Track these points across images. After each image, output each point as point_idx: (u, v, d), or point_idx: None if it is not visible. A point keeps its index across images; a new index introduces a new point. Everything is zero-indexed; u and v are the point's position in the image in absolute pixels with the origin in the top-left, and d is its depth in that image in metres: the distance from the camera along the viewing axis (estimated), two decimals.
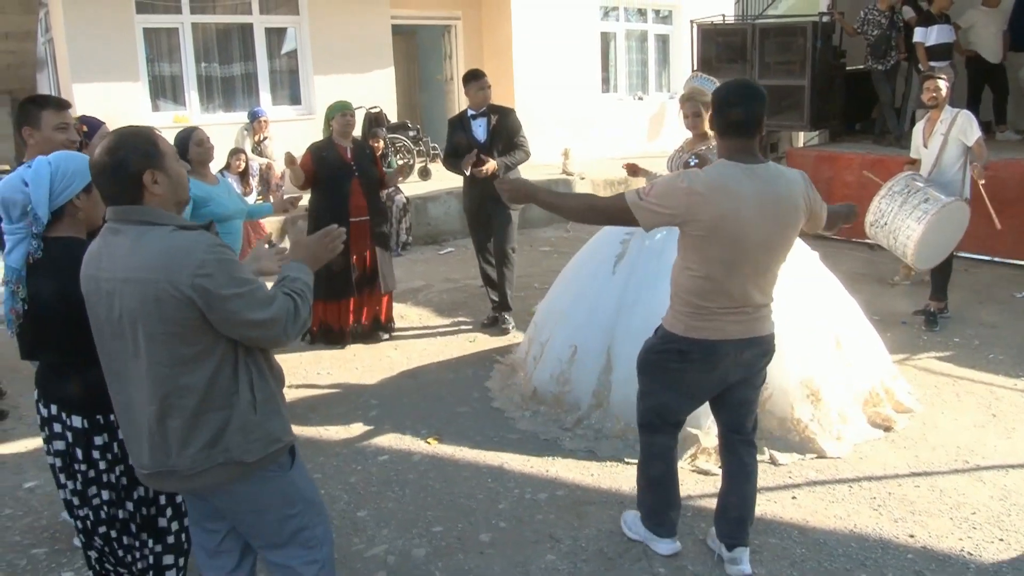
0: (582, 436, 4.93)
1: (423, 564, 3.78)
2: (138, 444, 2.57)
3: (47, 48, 12.40)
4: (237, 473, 2.55)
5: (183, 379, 2.44)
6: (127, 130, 2.55)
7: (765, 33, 10.87)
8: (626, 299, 5.16)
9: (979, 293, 7.72)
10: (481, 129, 6.76)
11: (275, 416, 2.61)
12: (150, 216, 2.45)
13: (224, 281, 2.38)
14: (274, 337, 2.52)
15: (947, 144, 6.50)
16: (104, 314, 2.49)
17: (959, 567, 3.63)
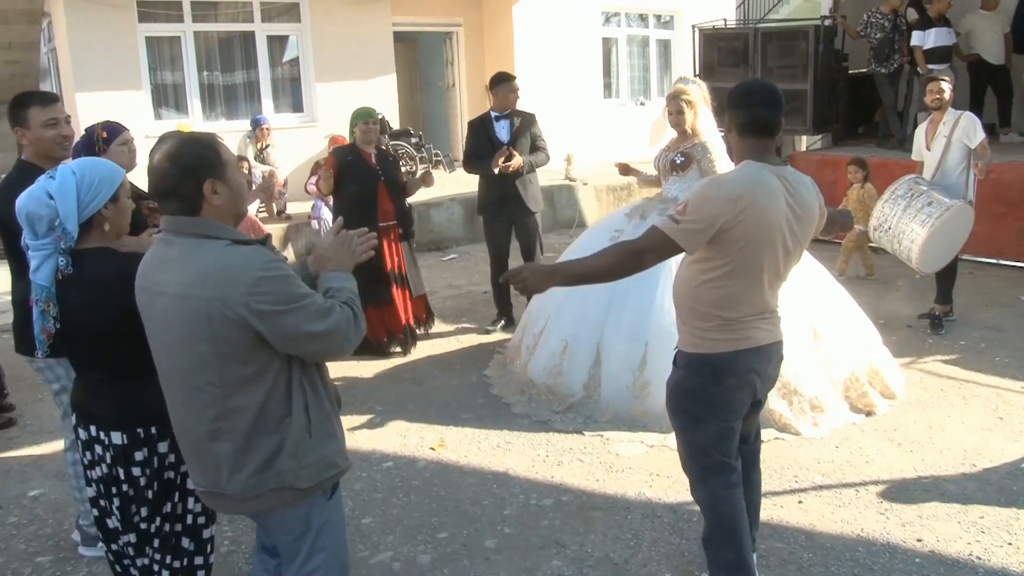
0: (571, 419, 5.23)
1: (428, 570, 3.76)
2: (192, 462, 2.52)
3: (50, 58, 12.44)
4: (289, 499, 2.46)
5: (234, 400, 2.35)
6: (190, 136, 2.47)
7: (767, 37, 10.86)
8: (615, 298, 5.36)
9: (985, 296, 7.70)
10: (504, 131, 6.85)
11: (330, 440, 2.52)
12: (205, 229, 2.35)
13: (280, 298, 2.29)
14: (336, 348, 2.43)
15: (950, 146, 6.48)
16: (155, 329, 2.43)
17: (968, 571, 3.61)
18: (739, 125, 3.11)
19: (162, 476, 2.82)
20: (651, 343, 5.14)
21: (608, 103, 15.16)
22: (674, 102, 5.32)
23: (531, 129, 6.91)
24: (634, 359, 5.18)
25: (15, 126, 3.69)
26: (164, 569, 2.90)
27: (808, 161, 10.50)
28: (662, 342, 5.03)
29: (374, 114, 6.55)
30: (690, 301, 3.19)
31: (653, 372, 5.05)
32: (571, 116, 13.81)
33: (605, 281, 3.06)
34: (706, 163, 5.26)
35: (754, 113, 3.08)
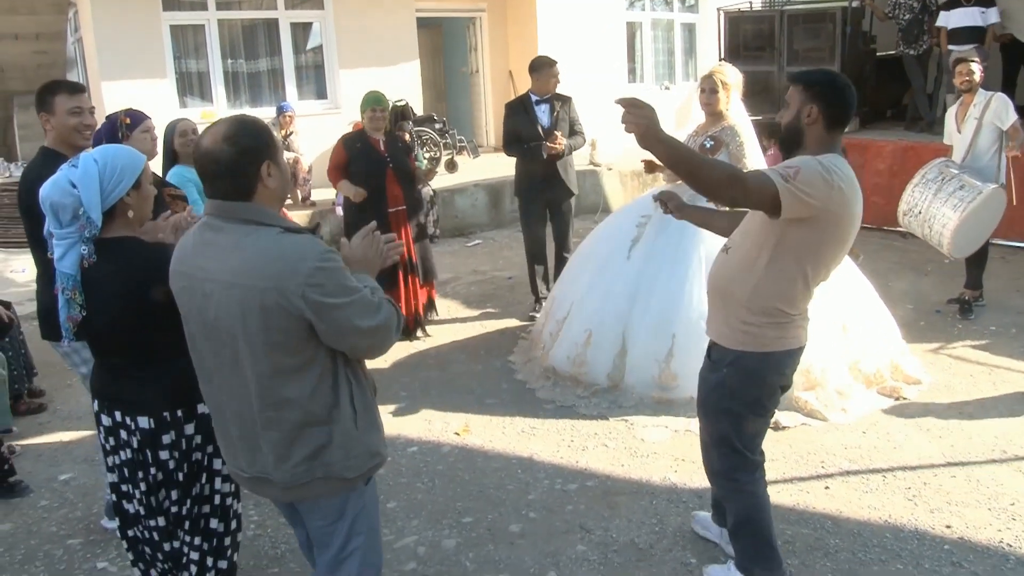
0: (596, 404, 5.19)
1: (453, 555, 3.77)
2: (233, 448, 2.51)
3: (76, 47, 12.52)
4: (336, 488, 2.48)
5: (284, 391, 2.34)
6: (242, 118, 2.40)
7: (793, 20, 10.76)
8: (642, 285, 5.31)
9: (1016, 281, 7.59)
10: (545, 115, 6.91)
11: (374, 429, 2.54)
12: (257, 215, 2.31)
13: (334, 290, 2.26)
14: (381, 344, 2.43)
15: (981, 128, 6.38)
16: (197, 315, 2.38)
17: (998, 558, 3.57)
18: (832, 118, 3.00)
19: (190, 458, 2.85)
20: (679, 336, 5.07)
21: (632, 87, 15.03)
22: (708, 80, 5.25)
23: (570, 113, 7.01)
24: (660, 351, 5.12)
25: (41, 111, 3.73)
26: (194, 551, 2.93)
27: None
28: (690, 335, 4.98)
29: (383, 101, 6.53)
30: (749, 292, 3.04)
31: (681, 365, 5.00)
32: (595, 101, 13.61)
33: (688, 180, 2.81)
34: (735, 147, 5.18)
35: (847, 109, 3.02)
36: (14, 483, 4.51)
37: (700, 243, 5.18)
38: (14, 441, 5.08)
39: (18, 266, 9.03)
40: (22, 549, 3.99)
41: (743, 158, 5.17)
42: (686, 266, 5.18)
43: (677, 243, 5.27)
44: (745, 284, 3.04)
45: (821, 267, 3.02)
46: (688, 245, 5.24)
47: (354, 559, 2.59)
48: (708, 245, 5.11)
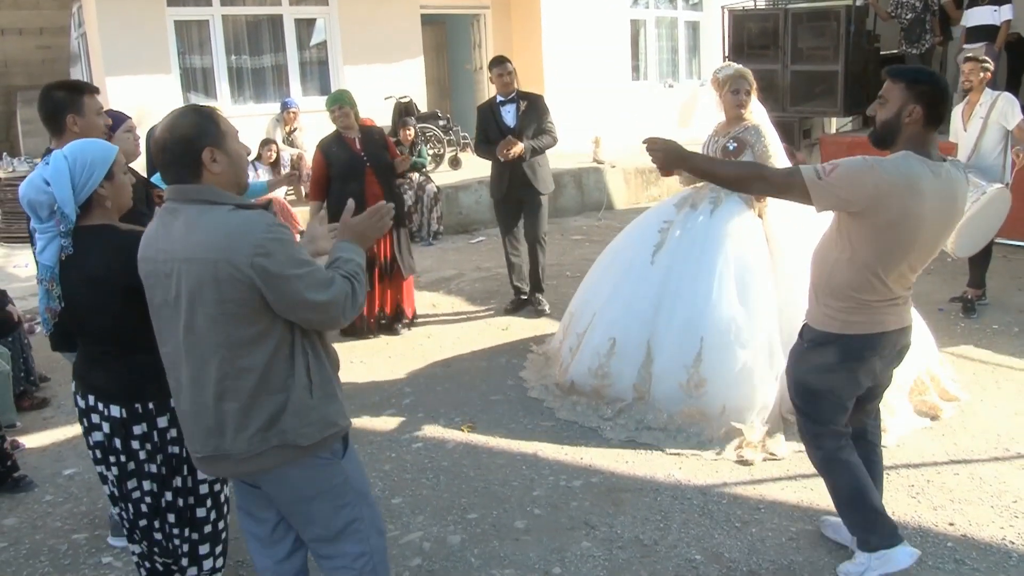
0: (623, 426, 4.88)
1: (458, 551, 3.79)
2: (193, 427, 2.55)
3: (80, 43, 12.52)
4: (291, 456, 2.52)
5: (241, 361, 2.41)
6: (187, 108, 2.52)
7: (798, 18, 10.75)
8: (667, 291, 5.09)
9: (1018, 280, 7.60)
10: (510, 115, 6.86)
11: (331, 400, 2.59)
12: (209, 195, 2.42)
13: (284, 261, 2.35)
14: (332, 319, 2.50)
15: (987, 128, 6.38)
16: (161, 296, 2.46)
17: (1000, 556, 3.58)
18: (932, 119, 3.06)
19: (166, 451, 2.88)
20: (707, 338, 4.83)
21: (636, 85, 15.04)
22: (741, 82, 5.11)
23: (537, 112, 6.88)
24: (688, 355, 4.86)
25: (70, 112, 3.63)
26: (185, 543, 2.97)
27: (838, 143, 10.39)
28: (718, 337, 4.81)
29: (345, 97, 6.46)
30: (826, 278, 3.22)
31: (709, 368, 4.78)
32: (599, 98, 13.73)
33: (724, 186, 3.12)
34: (760, 147, 5.02)
35: (948, 111, 3.13)
36: (19, 478, 4.53)
37: (726, 244, 5.00)
38: (18, 436, 5.10)
39: (20, 261, 9.06)
40: (27, 544, 4.00)
41: (769, 157, 5.01)
42: (711, 268, 4.96)
43: (702, 245, 5.07)
44: (827, 272, 3.22)
45: (891, 261, 3.10)
46: (713, 247, 5.02)
47: (350, 531, 2.67)
48: (734, 245, 4.99)
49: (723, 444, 4.62)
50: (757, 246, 5.03)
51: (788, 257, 4.98)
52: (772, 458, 4.51)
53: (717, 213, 5.15)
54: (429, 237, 10.09)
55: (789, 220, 5.08)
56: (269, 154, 9.87)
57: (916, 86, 3.04)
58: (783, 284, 4.94)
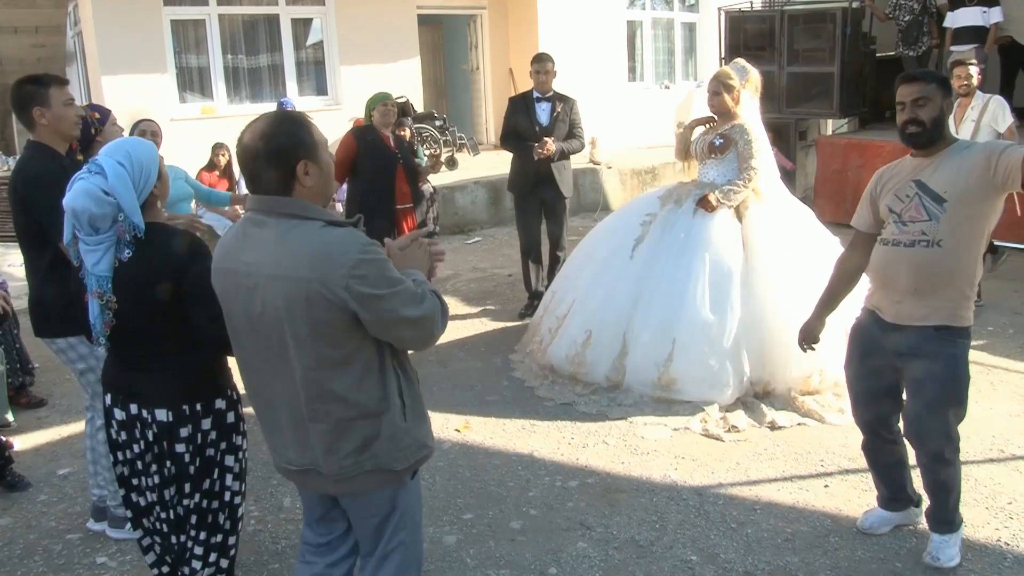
0: (596, 402, 5.17)
1: (454, 551, 3.78)
2: (282, 441, 2.50)
3: (76, 41, 12.51)
4: (384, 480, 2.47)
5: (330, 384, 2.34)
6: (282, 115, 2.41)
7: (794, 20, 10.75)
8: (645, 288, 5.27)
9: (1013, 282, 7.61)
10: (545, 113, 6.89)
11: (422, 421, 2.54)
12: (299, 209, 2.30)
13: (378, 281, 2.26)
14: (427, 335, 2.43)
15: (979, 130, 6.39)
16: (243, 309, 2.37)
17: (996, 556, 3.58)
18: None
19: (204, 453, 2.85)
20: (679, 339, 5.05)
21: (633, 86, 15.07)
22: (714, 82, 5.28)
23: (571, 115, 6.94)
24: (661, 354, 5.09)
25: (35, 106, 3.64)
26: (198, 546, 2.93)
27: (834, 145, 10.40)
28: (692, 338, 5.01)
29: (391, 97, 6.55)
30: (957, 276, 3.32)
31: (680, 369, 5.01)
32: (595, 99, 13.70)
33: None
34: (743, 144, 5.18)
35: None
36: (13, 478, 4.51)
37: (705, 245, 5.18)
38: (12, 436, 5.08)
39: (16, 260, 9.02)
40: (21, 544, 3.99)
41: (751, 157, 5.18)
42: (688, 268, 5.14)
43: (682, 244, 5.24)
44: (958, 273, 3.33)
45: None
46: (692, 247, 5.21)
47: (397, 554, 2.60)
48: (713, 248, 5.14)
49: (689, 416, 4.90)
50: (734, 250, 5.19)
51: (762, 258, 5.16)
52: (734, 431, 4.78)
53: (700, 213, 5.30)
54: None
55: (768, 224, 5.24)
56: None
57: (945, 84, 3.35)
58: (756, 287, 5.11)
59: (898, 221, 3.37)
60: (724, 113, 5.30)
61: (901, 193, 3.38)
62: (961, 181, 3.24)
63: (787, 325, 4.89)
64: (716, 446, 4.67)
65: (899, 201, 3.38)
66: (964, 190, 3.23)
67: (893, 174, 3.48)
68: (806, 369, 4.96)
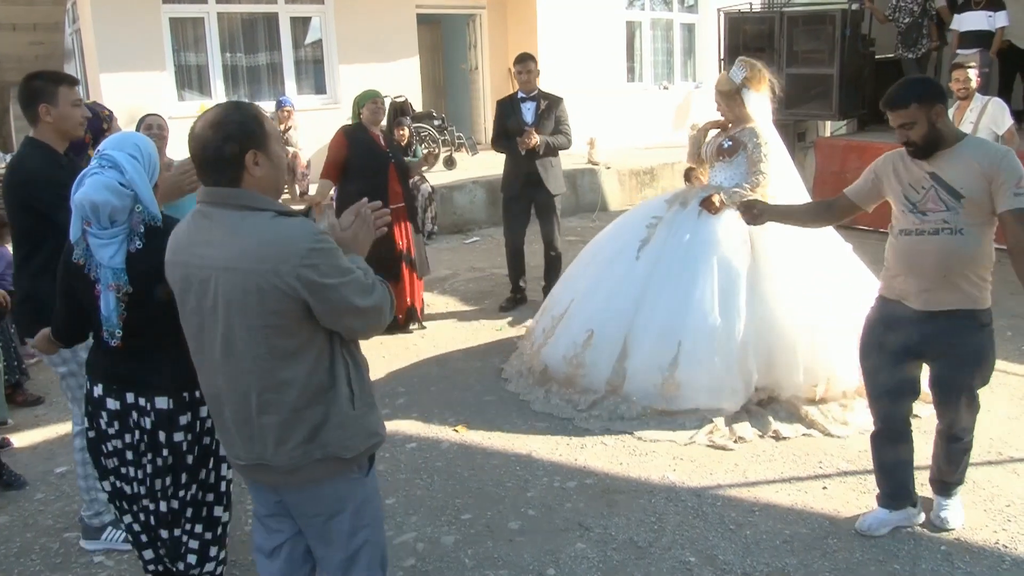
0: (597, 417, 4.99)
1: (452, 551, 3.78)
2: (231, 436, 2.50)
3: (74, 39, 12.48)
4: (333, 469, 2.46)
5: (282, 373, 2.34)
6: (231, 105, 2.41)
7: (793, 21, 10.75)
8: (649, 290, 5.14)
9: (1010, 284, 7.52)
10: (530, 112, 6.97)
11: (372, 410, 2.54)
12: (249, 200, 2.32)
13: (329, 270, 2.28)
14: (376, 324, 2.45)
15: (977, 132, 6.41)
16: (195, 303, 2.38)
17: (994, 559, 3.58)
18: (946, 104, 3.45)
19: (201, 441, 2.87)
20: (684, 343, 4.88)
21: (631, 87, 15.06)
22: (716, 90, 5.24)
23: (556, 112, 7.01)
24: (665, 358, 4.92)
25: (42, 102, 3.62)
26: (194, 539, 2.94)
27: (833, 147, 10.40)
28: (698, 343, 4.87)
29: (380, 94, 6.58)
30: (980, 261, 3.46)
31: (685, 374, 4.85)
32: (594, 100, 13.71)
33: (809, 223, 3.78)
34: (753, 147, 5.05)
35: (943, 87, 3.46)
36: (9, 476, 4.50)
37: (712, 247, 5.05)
38: (9, 433, 5.08)
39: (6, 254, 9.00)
40: (18, 542, 3.98)
41: (760, 161, 5.05)
42: (694, 273, 5.01)
43: (687, 246, 5.11)
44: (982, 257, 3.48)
45: None
46: (698, 249, 5.07)
47: (364, 554, 2.59)
48: (719, 250, 5.03)
49: (695, 429, 4.79)
50: (741, 252, 5.07)
51: (771, 261, 5.05)
52: (742, 441, 4.69)
53: (705, 215, 5.19)
54: (424, 237, 10.07)
55: (776, 227, 5.11)
56: None
57: (926, 97, 3.34)
58: (763, 291, 5.00)
59: (916, 211, 3.46)
60: (732, 117, 5.22)
61: (917, 185, 3.47)
62: (971, 184, 3.35)
63: (795, 331, 4.88)
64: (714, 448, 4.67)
65: (915, 192, 3.47)
66: (975, 191, 3.35)
67: (907, 165, 3.54)
68: (812, 377, 4.87)
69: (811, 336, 4.87)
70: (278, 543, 2.71)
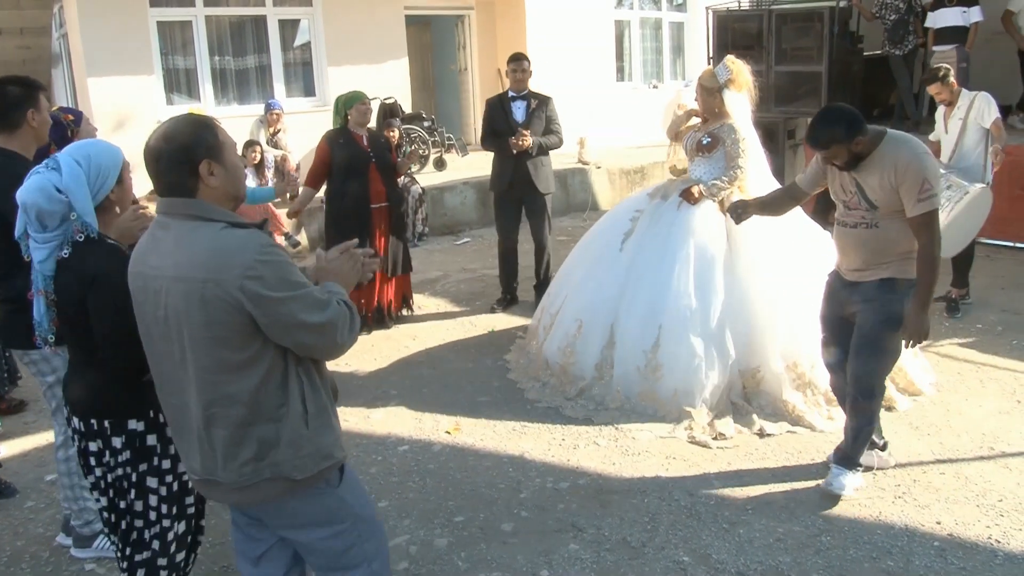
0: (582, 406, 5.16)
1: (445, 554, 3.77)
2: (188, 449, 2.45)
3: (61, 43, 12.42)
4: (285, 489, 2.40)
5: (229, 387, 2.30)
6: (185, 117, 2.40)
7: (781, 19, 10.76)
8: (631, 278, 5.36)
9: (1001, 279, 7.64)
10: (520, 111, 6.99)
11: (327, 431, 2.45)
12: (201, 211, 2.30)
13: (275, 283, 2.23)
14: (329, 344, 2.36)
15: (966, 128, 6.42)
16: (151, 313, 2.35)
17: (987, 554, 3.59)
18: (865, 129, 3.77)
19: (115, 471, 2.81)
20: (665, 325, 5.10)
21: (621, 86, 15.06)
22: (697, 85, 5.35)
23: (546, 112, 7.03)
24: (647, 341, 5.13)
25: (30, 108, 3.63)
26: (123, 559, 2.88)
27: None
28: (676, 324, 5.05)
29: (366, 96, 6.61)
30: (900, 245, 3.83)
31: (666, 355, 5.05)
32: (584, 99, 13.72)
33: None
34: (731, 143, 5.21)
35: (862, 117, 3.80)
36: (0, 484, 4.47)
37: (689, 234, 5.24)
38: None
39: None
40: (8, 551, 3.96)
41: (737, 156, 5.22)
42: (673, 259, 5.20)
43: (666, 236, 5.31)
44: (905, 239, 3.84)
45: None
46: (677, 237, 5.27)
47: (352, 558, 2.57)
48: (697, 236, 5.22)
49: (675, 423, 4.88)
50: (718, 240, 5.26)
51: (746, 250, 5.22)
52: (721, 438, 4.74)
53: (685, 206, 5.37)
54: (414, 238, 10.06)
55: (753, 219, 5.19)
56: (253, 156, 9.80)
57: (843, 138, 3.69)
58: (739, 276, 5.17)
59: (845, 206, 3.97)
60: (710, 113, 5.31)
61: (847, 186, 3.92)
62: (884, 196, 3.77)
63: (773, 312, 5.05)
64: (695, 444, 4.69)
65: (844, 192, 3.95)
66: (887, 201, 3.78)
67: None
68: (792, 355, 4.98)
69: (787, 316, 5.02)
70: (263, 550, 2.67)
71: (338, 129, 6.55)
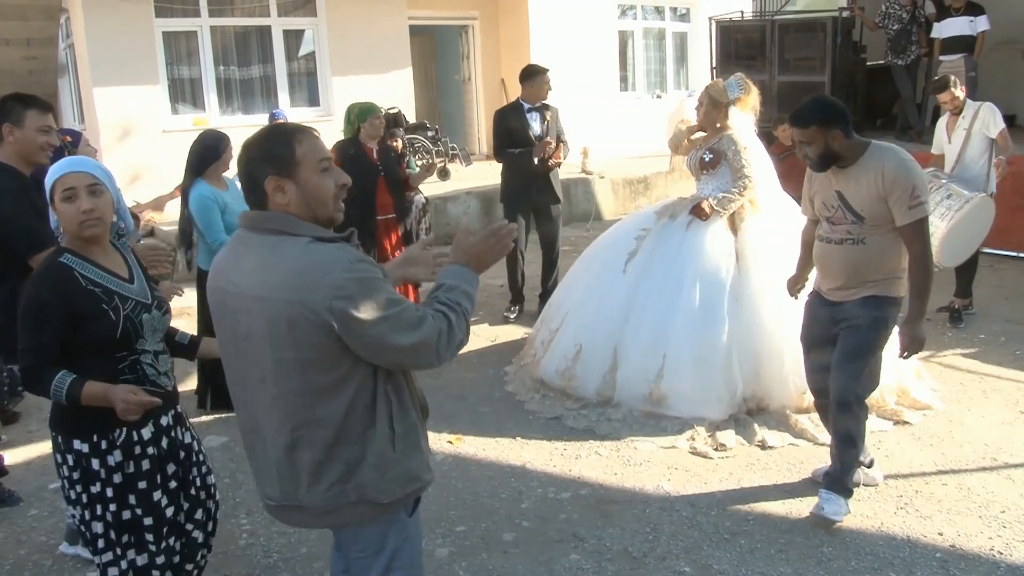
0: (585, 416, 5.12)
1: (446, 564, 3.76)
2: (265, 474, 2.36)
3: (68, 53, 12.49)
4: (369, 513, 2.30)
5: (317, 410, 2.19)
6: (269, 128, 2.30)
7: (784, 29, 10.81)
8: (636, 302, 5.24)
9: (1004, 289, 7.63)
10: (537, 123, 7.02)
11: (415, 453, 2.34)
12: (283, 224, 2.17)
13: (366, 303, 2.09)
14: (425, 362, 2.23)
15: (971, 138, 6.41)
16: (229, 332, 2.26)
17: (989, 566, 3.58)
18: (849, 131, 3.74)
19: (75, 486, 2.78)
20: (669, 355, 5.01)
21: (624, 96, 15.10)
22: (704, 94, 5.31)
23: (559, 124, 7.11)
24: (651, 370, 5.04)
25: (5, 122, 3.63)
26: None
27: None
28: (681, 354, 4.97)
29: (379, 109, 6.59)
30: (887, 264, 3.80)
31: (670, 385, 4.97)
32: (587, 109, 13.73)
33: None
34: (733, 154, 5.15)
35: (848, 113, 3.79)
36: (3, 492, 4.48)
37: (697, 259, 5.16)
38: (3, 450, 5.05)
39: None
40: (11, 559, 3.96)
41: (743, 166, 5.16)
42: (679, 283, 5.12)
43: (673, 261, 5.21)
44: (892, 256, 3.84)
45: None
46: (682, 264, 5.18)
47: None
48: (700, 264, 5.14)
49: (677, 434, 4.84)
50: (727, 264, 5.16)
51: (756, 273, 5.12)
52: (723, 449, 4.71)
53: (693, 227, 5.27)
54: None
55: (763, 238, 5.20)
56: None
57: (825, 122, 3.64)
58: (748, 301, 5.07)
59: (829, 221, 3.90)
60: (710, 126, 5.28)
61: (828, 202, 3.88)
62: (871, 206, 3.72)
63: (781, 340, 4.92)
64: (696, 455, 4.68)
65: (827, 208, 3.90)
66: (874, 212, 3.73)
67: (820, 181, 3.94)
68: (801, 385, 4.84)
69: (797, 344, 4.86)
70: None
71: (349, 140, 6.54)
